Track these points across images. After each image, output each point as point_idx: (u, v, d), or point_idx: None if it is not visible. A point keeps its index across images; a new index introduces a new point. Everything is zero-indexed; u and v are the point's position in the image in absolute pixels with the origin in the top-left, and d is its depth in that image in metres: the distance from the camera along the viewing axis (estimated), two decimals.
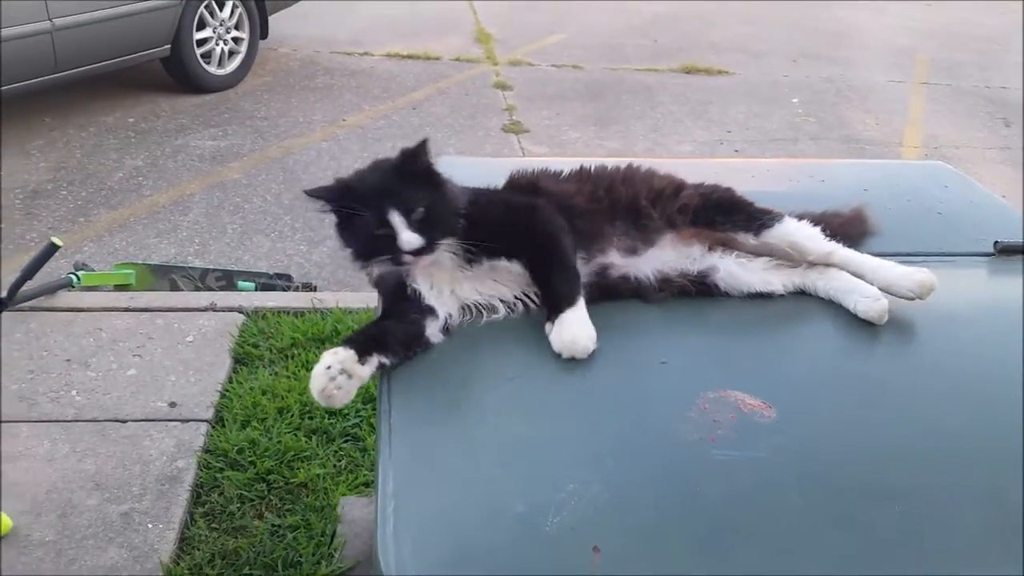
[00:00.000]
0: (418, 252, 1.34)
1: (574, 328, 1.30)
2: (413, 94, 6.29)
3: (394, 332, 1.31)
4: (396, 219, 1.34)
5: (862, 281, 1.44)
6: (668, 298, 1.46)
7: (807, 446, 1.16)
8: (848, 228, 1.67)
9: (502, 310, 1.40)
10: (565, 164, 1.65)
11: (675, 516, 1.05)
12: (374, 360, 1.27)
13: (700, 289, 1.48)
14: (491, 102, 6.21)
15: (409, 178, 1.39)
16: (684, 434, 1.15)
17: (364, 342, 1.28)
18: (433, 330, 1.35)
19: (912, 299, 1.42)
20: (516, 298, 1.41)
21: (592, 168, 1.62)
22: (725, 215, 1.53)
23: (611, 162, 1.66)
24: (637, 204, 1.52)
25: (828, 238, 1.54)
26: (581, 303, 1.34)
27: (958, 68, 7.72)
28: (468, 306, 1.39)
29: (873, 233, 1.73)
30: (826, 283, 1.47)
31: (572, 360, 1.29)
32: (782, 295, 1.48)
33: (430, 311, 1.35)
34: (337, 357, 1.25)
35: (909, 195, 1.98)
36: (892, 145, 5.86)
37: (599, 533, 1.01)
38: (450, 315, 1.37)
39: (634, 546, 1.00)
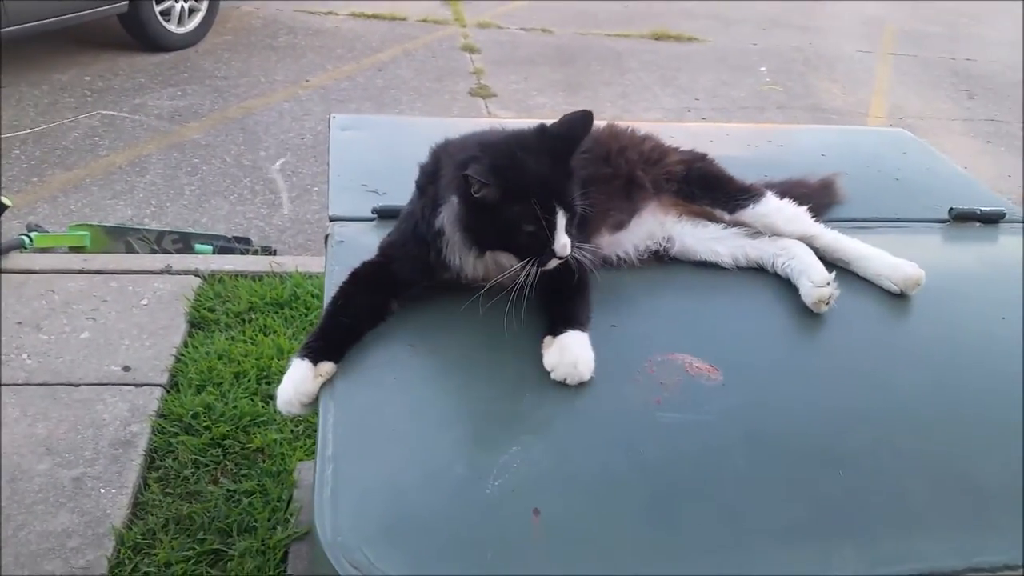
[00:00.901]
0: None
1: (577, 352, 1.17)
2: (378, 55, 6.18)
3: (355, 326, 1.25)
4: (560, 220, 1.19)
5: (817, 264, 1.39)
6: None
7: (753, 409, 1.15)
8: (814, 198, 1.62)
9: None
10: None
11: (619, 479, 1.04)
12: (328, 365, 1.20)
13: (656, 259, 1.47)
14: (458, 65, 6.13)
15: (562, 163, 1.24)
16: (630, 397, 1.14)
17: (323, 349, 1.21)
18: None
19: (896, 293, 1.39)
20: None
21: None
22: (704, 189, 1.49)
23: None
24: (633, 175, 1.47)
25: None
26: (588, 328, 1.23)
27: (926, 39, 7.75)
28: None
29: (840, 204, 1.71)
30: (784, 261, 1.43)
31: (562, 383, 1.17)
32: (730, 266, 1.46)
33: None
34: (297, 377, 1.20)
35: (868, 161, 1.98)
36: (858, 115, 5.88)
37: (541, 496, 1.00)
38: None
39: (576, 509, 0.99)
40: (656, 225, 1.47)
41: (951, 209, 1.72)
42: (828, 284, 1.34)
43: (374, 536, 0.95)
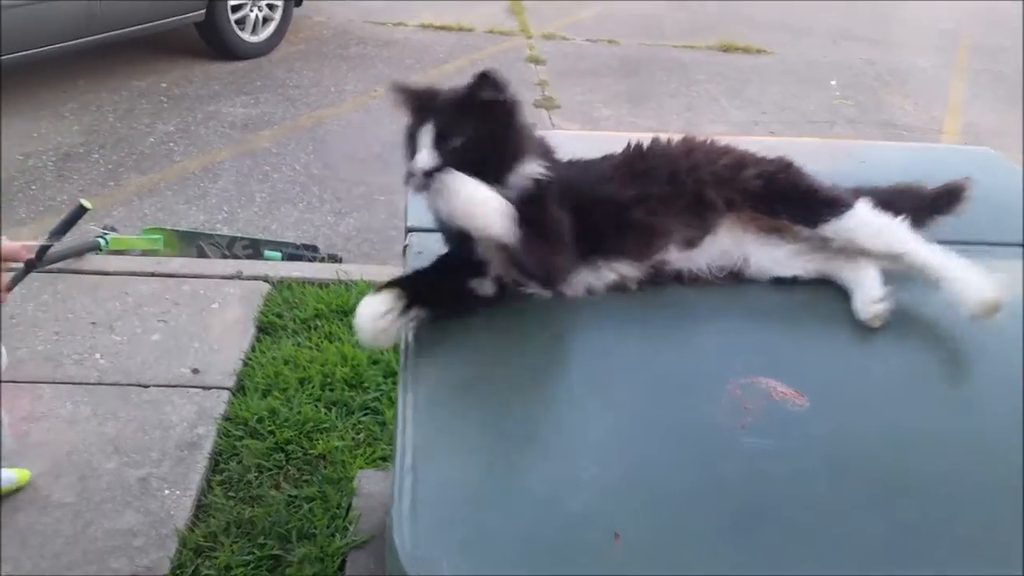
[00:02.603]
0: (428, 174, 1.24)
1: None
2: (445, 66, 6.23)
3: (437, 285, 1.29)
4: (425, 137, 1.26)
5: (875, 279, 1.34)
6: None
7: (838, 436, 1.11)
8: (928, 204, 1.55)
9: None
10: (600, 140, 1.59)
11: (700, 502, 1.01)
12: (412, 313, 1.26)
13: (733, 277, 1.43)
14: (523, 76, 6.14)
15: (466, 107, 1.30)
16: (713, 419, 1.11)
17: (409, 289, 1.27)
18: (481, 285, 1.31)
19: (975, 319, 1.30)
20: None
21: (653, 149, 1.49)
22: (785, 203, 1.43)
23: (665, 137, 1.53)
24: (702, 193, 1.42)
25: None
26: None
27: (1001, 53, 7.50)
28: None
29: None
30: (848, 273, 1.38)
31: None
32: (805, 281, 1.41)
33: (479, 266, 1.31)
34: (385, 301, 1.25)
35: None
36: (931, 132, 5.72)
37: (621, 518, 0.97)
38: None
39: (656, 532, 0.97)
40: (732, 244, 1.42)
41: None
42: (881, 301, 1.30)
43: (453, 550, 0.94)
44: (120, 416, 2.54)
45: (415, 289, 1.28)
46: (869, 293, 1.32)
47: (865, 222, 1.40)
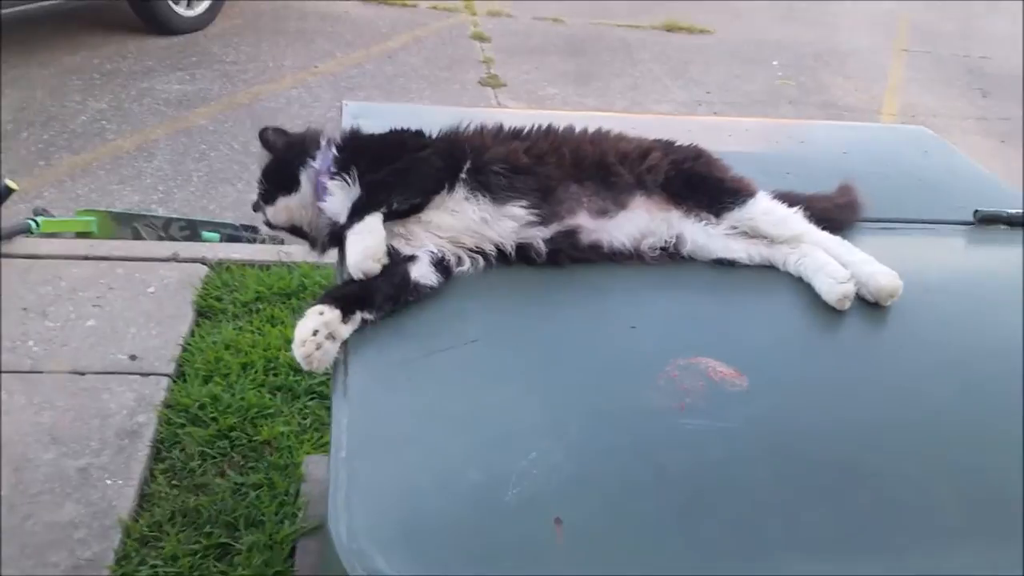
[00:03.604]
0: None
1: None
2: (388, 42, 6.15)
3: (379, 284, 1.26)
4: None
5: (833, 261, 1.36)
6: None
7: (779, 417, 1.12)
8: (834, 213, 1.55)
9: (467, 261, 1.35)
10: (529, 119, 1.58)
11: (641, 487, 1.01)
12: (357, 317, 1.21)
13: (669, 256, 1.44)
14: (468, 54, 6.09)
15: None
16: (652, 402, 1.11)
17: (348, 298, 1.22)
18: (422, 272, 1.29)
19: (871, 302, 1.34)
20: (478, 249, 1.35)
21: (559, 128, 1.53)
22: (689, 190, 1.46)
23: (579, 123, 1.57)
24: (605, 161, 1.45)
25: (808, 220, 1.45)
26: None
27: (940, 36, 7.68)
28: (443, 249, 1.34)
29: (861, 221, 1.62)
30: (797, 259, 1.39)
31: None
32: (747, 265, 1.42)
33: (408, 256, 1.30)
34: (323, 319, 1.19)
35: (889, 159, 1.95)
36: (871, 112, 5.84)
37: (562, 504, 0.97)
38: (434, 253, 1.32)
39: (598, 517, 0.97)
40: (658, 222, 1.44)
41: (976, 211, 1.68)
42: (850, 280, 1.32)
43: (390, 542, 0.92)
44: (56, 405, 2.47)
45: (354, 295, 1.24)
46: (834, 274, 1.33)
47: (766, 211, 1.44)
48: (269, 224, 1.57)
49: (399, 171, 1.37)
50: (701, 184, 1.47)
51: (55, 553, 2.03)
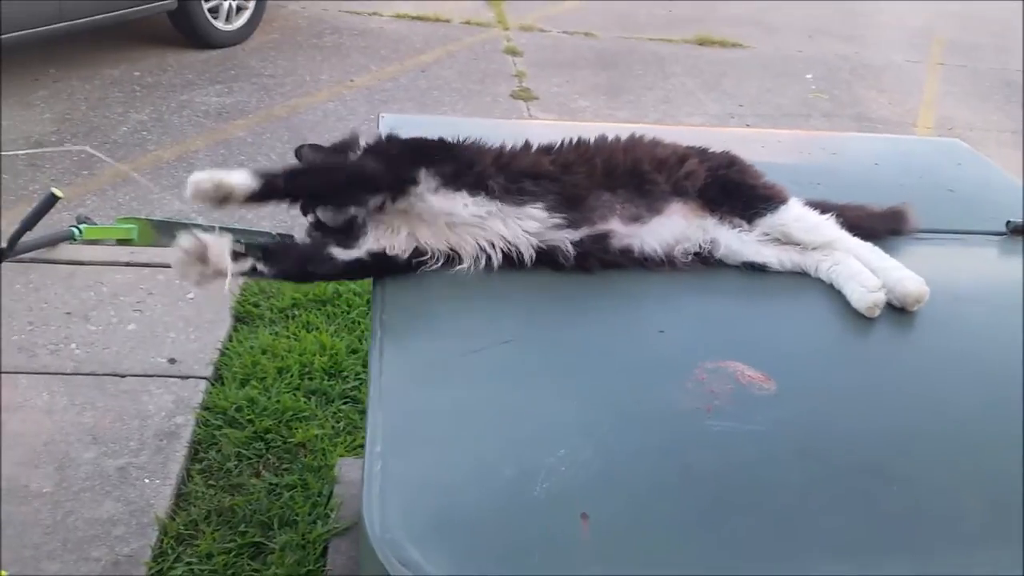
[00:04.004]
0: None
1: None
2: (421, 56, 6.22)
3: (296, 247, 1.35)
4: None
5: (865, 270, 1.37)
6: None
7: (806, 421, 1.14)
8: (877, 222, 1.57)
9: (465, 259, 1.38)
10: (561, 131, 1.61)
11: (667, 486, 1.03)
12: (247, 263, 1.32)
13: (702, 261, 1.46)
14: (500, 67, 6.15)
15: None
16: (680, 404, 1.13)
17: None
18: (347, 253, 1.36)
19: (899, 308, 1.35)
20: (481, 248, 1.38)
21: (591, 139, 1.54)
22: (724, 196, 1.48)
23: (612, 133, 1.59)
24: (640, 169, 1.47)
25: (842, 227, 1.47)
26: None
27: (975, 50, 7.61)
28: (428, 249, 1.38)
29: (910, 234, 1.62)
30: (828, 266, 1.41)
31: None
32: (779, 271, 1.44)
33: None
34: (210, 238, 1.30)
35: (922, 171, 1.95)
36: (906, 125, 5.79)
37: (589, 500, 0.99)
38: (393, 247, 1.37)
39: (624, 515, 0.99)
40: (692, 227, 1.46)
41: (1008, 222, 1.68)
42: (880, 289, 1.33)
43: (422, 534, 0.95)
44: (97, 406, 2.54)
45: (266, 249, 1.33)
46: (865, 283, 1.34)
47: (798, 217, 1.46)
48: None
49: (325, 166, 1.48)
50: (735, 190, 1.49)
51: (95, 549, 2.09)
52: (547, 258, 1.40)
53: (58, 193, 3.26)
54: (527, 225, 1.39)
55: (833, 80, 6.50)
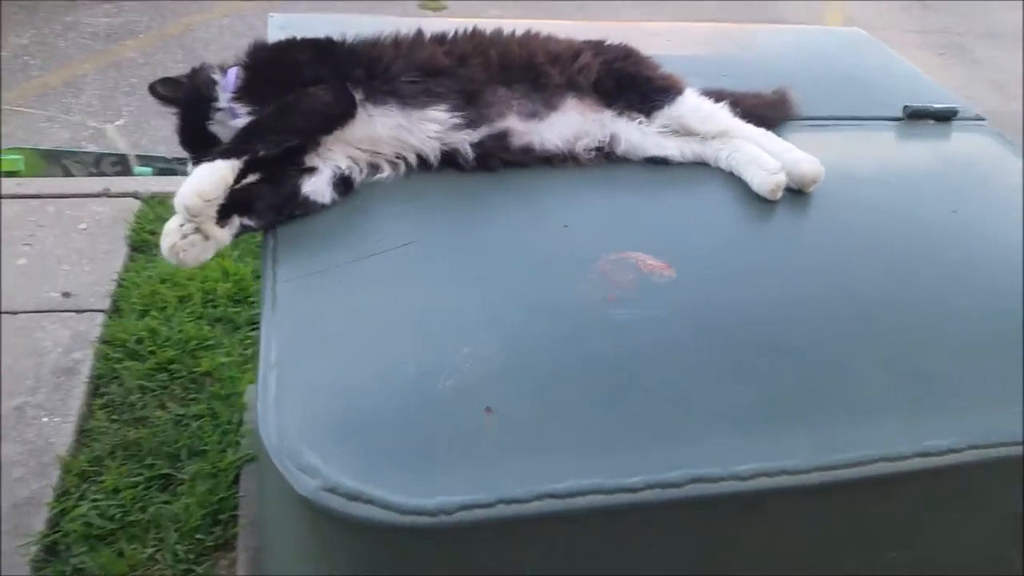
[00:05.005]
0: None
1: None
2: None
3: (264, 191, 1.22)
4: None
5: (764, 154, 1.36)
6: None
7: (705, 304, 1.13)
8: (765, 110, 1.55)
9: (386, 168, 1.32)
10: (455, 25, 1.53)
11: (570, 374, 1.01)
12: (235, 222, 1.20)
13: (604, 156, 1.42)
14: None
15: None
16: (583, 295, 1.11)
17: (225, 202, 1.18)
18: (315, 187, 1.25)
19: (795, 190, 1.35)
20: (398, 156, 1.32)
21: (486, 30, 1.48)
22: (619, 89, 1.44)
23: (508, 27, 1.52)
24: (534, 62, 1.42)
25: (740, 117, 1.45)
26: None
27: None
28: (356, 161, 1.30)
29: (794, 117, 1.61)
30: (728, 154, 1.39)
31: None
32: (680, 163, 1.42)
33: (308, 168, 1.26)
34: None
35: (824, 60, 1.94)
36: (812, 25, 5.82)
37: (493, 394, 0.96)
38: (339, 169, 1.28)
39: (527, 405, 0.97)
40: (590, 123, 1.42)
41: (905, 107, 1.68)
42: (781, 171, 1.32)
43: (321, 438, 0.92)
44: None
45: (233, 200, 1.19)
46: (765, 165, 1.33)
47: (694, 107, 1.44)
48: None
49: (278, 113, 1.27)
50: (631, 83, 1.46)
51: None
52: (449, 159, 1.35)
53: None
54: (429, 128, 1.33)
55: None
